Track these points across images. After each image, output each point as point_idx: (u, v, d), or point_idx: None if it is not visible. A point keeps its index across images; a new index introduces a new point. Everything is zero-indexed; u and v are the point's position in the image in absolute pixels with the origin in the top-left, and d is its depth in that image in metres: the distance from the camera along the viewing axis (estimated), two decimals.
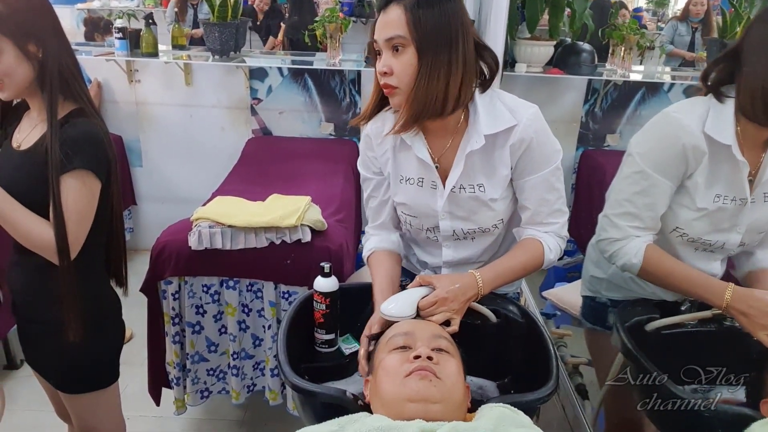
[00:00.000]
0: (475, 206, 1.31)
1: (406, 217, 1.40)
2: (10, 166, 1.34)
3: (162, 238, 1.98)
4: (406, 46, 1.15)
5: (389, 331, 1.14)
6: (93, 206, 1.33)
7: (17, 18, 1.23)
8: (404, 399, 0.98)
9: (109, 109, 3.45)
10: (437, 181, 1.31)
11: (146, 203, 3.66)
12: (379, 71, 1.20)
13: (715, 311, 1.26)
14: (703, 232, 1.34)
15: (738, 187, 1.28)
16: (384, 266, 1.37)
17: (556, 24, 2.91)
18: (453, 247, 1.39)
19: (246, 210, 1.97)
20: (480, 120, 1.24)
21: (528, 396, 1.07)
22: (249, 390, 2.14)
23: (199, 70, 3.36)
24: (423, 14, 1.14)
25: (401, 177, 1.35)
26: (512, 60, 3.02)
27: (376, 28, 1.19)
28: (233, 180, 2.77)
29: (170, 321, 2.00)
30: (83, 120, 1.31)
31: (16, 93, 1.31)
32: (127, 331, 2.72)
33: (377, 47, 1.21)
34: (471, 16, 3.16)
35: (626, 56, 3.07)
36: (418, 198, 1.34)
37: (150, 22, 3.17)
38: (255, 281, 1.98)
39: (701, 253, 1.39)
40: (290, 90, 3.39)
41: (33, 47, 1.26)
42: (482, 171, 1.29)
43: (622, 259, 1.36)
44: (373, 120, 1.34)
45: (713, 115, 1.26)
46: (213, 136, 3.49)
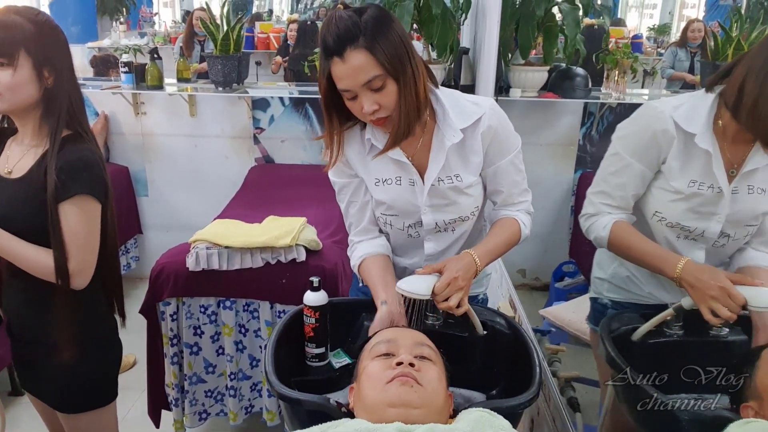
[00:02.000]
0: (454, 195, 1.37)
1: (387, 218, 1.42)
2: (3, 195, 1.35)
3: (161, 260, 2.02)
4: (385, 80, 1.18)
5: (373, 339, 1.16)
6: (96, 229, 1.36)
7: (43, 42, 1.30)
8: (385, 404, 1.00)
9: (116, 141, 3.54)
10: (415, 177, 1.35)
11: (152, 231, 3.72)
12: (367, 111, 1.20)
13: (675, 306, 1.27)
14: (681, 218, 1.36)
15: (711, 176, 1.31)
16: (378, 265, 1.39)
17: (549, 50, 2.98)
18: (434, 240, 1.43)
19: (242, 231, 2.01)
20: (450, 116, 1.31)
21: (509, 401, 1.08)
22: (247, 411, 2.15)
23: (203, 101, 3.45)
24: (382, 46, 1.16)
25: (377, 180, 1.38)
26: (507, 85, 3.08)
27: (341, 77, 1.18)
28: (235, 205, 2.82)
29: (168, 342, 2.03)
30: (78, 146, 1.34)
31: (10, 109, 1.33)
32: (130, 357, 2.77)
33: (350, 95, 1.21)
34: (467, 44, 3.27)
35: (620, 80, 3.13)
36: (398, 196, 1.37)
37: (155, 56, 3.27)
38: (251, 301, 2.01)
39: (683, 242, 1.40)
40: (291, 119, 3.46)
41: (47, 73, 1.31)
42: (457, 162, 1.35)
43: (593, 233, 1.44)
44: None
45: (689, 105, 1.31)
46: (217, 165, 3.56)
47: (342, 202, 1.44)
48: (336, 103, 1.25)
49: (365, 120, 1.26)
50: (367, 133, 1.33)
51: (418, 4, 2.79)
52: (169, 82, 3.46)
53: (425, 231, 1.41)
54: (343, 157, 1.35)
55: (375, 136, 1.33)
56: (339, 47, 1.16)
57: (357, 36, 1.15)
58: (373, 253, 1.42)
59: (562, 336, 2.14)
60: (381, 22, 1.17)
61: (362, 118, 1.25)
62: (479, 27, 3.11)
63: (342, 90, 1.20)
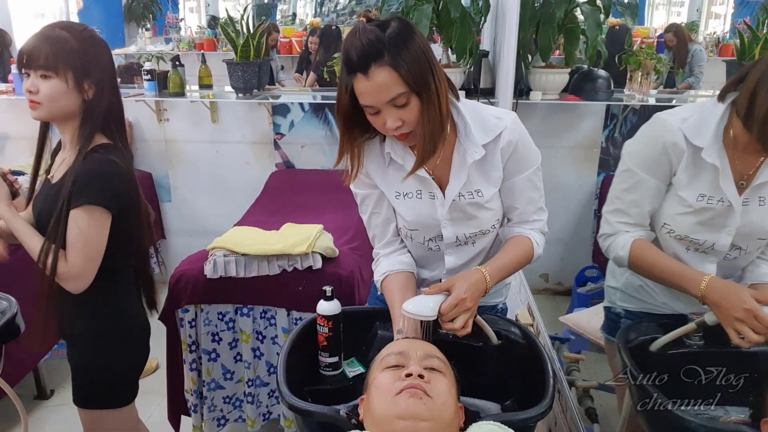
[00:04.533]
0: (474, 210, 1.35)
1: (407, 232, 1.41)
2: (42, 196, 1.48)
3: (180, 267, 2.05)
4: (408, 97, 1.17)
5: (383, 351, 1.16)
6: (101, 239, 1.41)
7: (85, 57, 1.39)
8: (394, 416, 0.99)
9: (140, 148, 3.59)
10: (435, 191, 1.34)
11: (175, 237, 3.77)
12: (391, 128, 1.19)
13: (698, 321, 1.24)
14: (690, 231, 1.34)
15: (719, 189, 1.28)
16: (398, 284, 1.37)
17: (571, 52, 2.94)
18: (455, 254, 1.41)
19: (259, 239, 2.02)
20: (472, 131, 1.29)
21: (520, 414, 1.07)
22: (264, 418, 2.16)
23: (224, 107, 3.48)
24: (406, 62, 1.14)
25: (397, 193, 1.36)
26: (527, 88, 3.05)
27: (365, 93, 1.16)
28: (255, 211, 2.84)
29: (187, 348, 2.05)
30: (102, 156, 1.40)
31: (49, 117, 1.42)
32: (153, 361, 2.80)
33: (372, 110, 1.19)
34: (486, 47, 3.24)
35: (644, 81, 3.07)
36: (419, 210, 1.36)
37: (177, 63, 3.31)
38: (268, 308, 2.02)
39: (693, 254, 1.38)
40: (311, 124, 3.47)
41: (87, 85, 1.40)
42: (479, 177, 1.33)
43: (613, 253, 1.41)
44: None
45: (698, 117, 1.28)
46: (238, 171, 3.59)
47: (364, 213, 1.43)
48: (356, 115, 1.23)
49: (387, 134, 1.24)
50: (387, 147, 1.32)
51: (437, 8, 2.78)
52: (194, 89, 3.51)
53: (445, 245, 1.39)
54: (363, 168, 1.34)
55: (395, 150, 1.32)
56: (363, 64, 1.13)
57: (382, 53, 1.13)
58: (396, 270, 1.40)
59: (583, 343, 2.11)
60: (405, 38, 1.15)
61: (385, 132, 1.23)
62: (499, 29, 3.09)
63: (365, 106, 1.18)
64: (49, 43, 1.36)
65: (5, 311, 1.54)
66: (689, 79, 4.54)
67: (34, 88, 1.37)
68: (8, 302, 1.57)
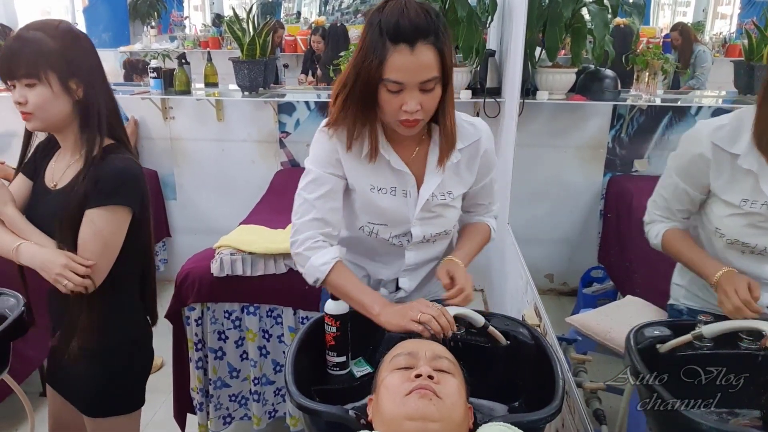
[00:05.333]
0: (442, 210, 1.38)
1: (373, 227, 1.39)
2: (45, 205, 1.39)
3: (186, 265, 2.05)
4: (436, 84, 1.17)
5: (392, 351, 1.16)
6: (120, 240, 1.37)
7: (66, 54, 1.28)
8: (403, 417, 0.99)
9: (145, 146, 3.60)
10: (412, 189, 1.35)
11: (180, 235, 3.77)
12: (410, 110, 1.16)
13: (695, 333, 1.24)
14: (740, 234, 1.37)
15: (762, 193, 1.31)
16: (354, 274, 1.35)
17: (578, 51, 2.93)
18: (416, 251, 1.43)
19: (266, 237, 2.02)
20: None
21: (530, 416, 1.07)
22: (270, 416, 2.16)
23: (229, 106, 3.48)
24: (446, 49, 1.15)
25: (372, 186, 1.34)
26: (534, 88, 3.04)
27: (402, 68, 1.13)
28: (260, 210, 2.84)
29: (193, 347, 2.05)
30: (119, 156, 1.35)
31: (45, 126, 1.34)
32: (158, 359, 2.80)
33: (397, 88, 1.16)
34: (493, 46, 3.23)
35: (651, 81, 3.06)
36: (392, 206, 1.36)
37: (183, 62, 3.31)
38: (275, 307, 2.02)
39: (749, 257, 1.39)
40: (317, 123, 3.42)
41: (74, 84, 1.31)
42: (452, 179, 1.37)
43: (650, 240, 1.54)
44: (341, 129, 1.30)
45: (735, 124, 1.32)
46: (244, 169, 3.59)
47: (312, 192, 1.33)
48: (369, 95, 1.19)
49: (394, 117, 1.21)
50: (380, 139, 1.30)
51: (444, 7, 2.77)
52: (199, 87, 3.50)
53: (412, 242, 1.41)
54: (336, 154, 1.31)
55: (381, 143, 1.31)
56: (413, 36, 1.12)
57: (429, 32, 1.13)
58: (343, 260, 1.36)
59: (590, 344, 2.09)
60: (446, 27, 1.17)
61: (392, 114, 1.20)
62: (505, 29, 3.08)
63: (393, 81, 1.15)
64: (25, 47, 1.26)
65: (13, 308, 1.54)
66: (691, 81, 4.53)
67: (22, 99, 1.28)
68: (16, 299, 1.57)
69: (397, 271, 1.45)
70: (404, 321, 1.20)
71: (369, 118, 1.26)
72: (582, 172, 3.31)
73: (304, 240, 1.33)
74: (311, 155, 1.36)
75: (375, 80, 1.17)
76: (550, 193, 3.31)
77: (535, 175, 3.21)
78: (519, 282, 2.31)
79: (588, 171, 3.31)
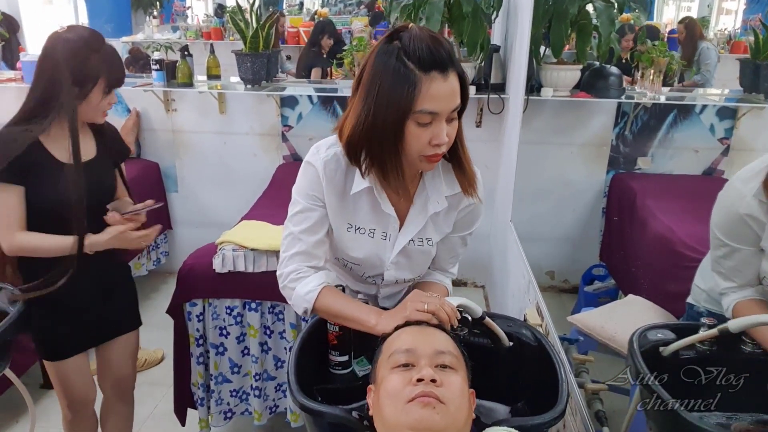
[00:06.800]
0: (420, 257, 1.36)
1: (349, 264, 1.38)
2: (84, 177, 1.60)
3: (188, 261, 2.04)
4: (455, 114, 1.14)
5: (390, 344, 1.10)
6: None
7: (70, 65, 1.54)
8: (406, 426, 0.95)
9: (147, 137, 3.58)
10: (393, 232, 1.31)
11: (182, 227, 3.77)
12: (443, 142, 1.11)
13: (720, 328, 1.22)
14: None
15: None
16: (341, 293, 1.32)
17: (583, 48, 2.91)
18: (389, 288, 1.45)
19: (268, 233, 2.02)
20: (442, 179, 1.28)
21: (534, 420, 1.06)
22: (271, 411, 2.16)
23: (232, 99, 3.47)
24: (463, 73, 1.12)
25: (349, 225, 1.31)
26: (538, 84, 3.03)
27: (437, 96, 1.07)
28: (262, 204, 2.83)
29: (195, 342, 2.05)
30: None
31: None
32: (159, 352, 2.81)
33: (429, 119, 1.10)
34: (498, 42, 3.21)
35: (656, 79, 3.04)
36: (368, 248, 1.32)
37: (185, 53, 3.30)
38: (277, 303, 2.01)
39: None
40: (320, 117, 3.46)
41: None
42: (432, 227, 1.33)
43: (725, 312, 1.43)
44: (331, 158, 1.26)
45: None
46: (246, 162, 3.58)
47: (298, 225, 1.30)
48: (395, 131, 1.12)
49: (420, 152, 1.13)
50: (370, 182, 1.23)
51: (449, 2, 2.75)
52: (202, 79, 3.49)
53: (384, 283, 1.40)
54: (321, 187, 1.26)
55: (375, 183, 1.24)
56: (445, 63, 1.08)
57: (453, 60, 1.10)
58: (333, 283, 1.34)
59: (591, 344, 2.09)
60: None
61: (420, 150, 1.13)
62: (511, 24, 3.06)
63: (428, 111, 1.08)
64: None
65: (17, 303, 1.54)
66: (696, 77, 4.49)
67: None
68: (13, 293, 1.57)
69: (375, 295, 1.47)
70: (404, 315, 1.16)
71: (391, 155, 1.15)
72: (585, 169, 3.30)
73: (288, 273, 1.32)
74: (298, 185, 1.32)
75: (405, 113, 1.09)
76: (553, 191, 3.30)
77: (539, 173, 3.20)
78: (521, 280, 2.30)
79: (591, 168, 3.30)
